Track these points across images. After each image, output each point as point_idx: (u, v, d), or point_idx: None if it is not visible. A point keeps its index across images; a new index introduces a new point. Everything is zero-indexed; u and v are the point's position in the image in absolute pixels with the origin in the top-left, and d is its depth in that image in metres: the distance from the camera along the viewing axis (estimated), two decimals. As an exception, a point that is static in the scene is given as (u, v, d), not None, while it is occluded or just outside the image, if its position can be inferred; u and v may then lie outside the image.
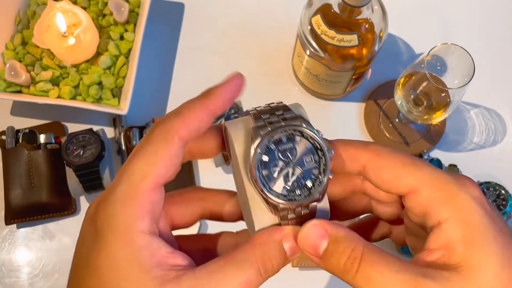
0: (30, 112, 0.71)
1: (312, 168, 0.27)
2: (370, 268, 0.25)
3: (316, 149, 0.27)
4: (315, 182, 0.27)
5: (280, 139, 0.27)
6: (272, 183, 0.27)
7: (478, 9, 0.79)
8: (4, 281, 0.65)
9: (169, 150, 0.26)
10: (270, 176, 0.27)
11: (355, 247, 0.26)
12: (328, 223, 0.27)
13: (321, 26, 0.59)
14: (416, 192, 0.26)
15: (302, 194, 0.27)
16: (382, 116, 0.72)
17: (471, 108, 0.73)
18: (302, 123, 0.27)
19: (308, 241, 0.27)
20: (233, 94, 0.27)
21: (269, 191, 0.26)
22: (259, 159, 0.26)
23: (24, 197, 0.64)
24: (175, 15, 0.77)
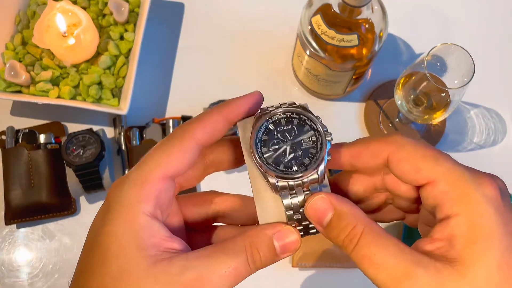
0: (30, 112, 0.71)
1: (309, 148, 0.29)
2: (366, 249, 0.26)
3: (314, 130, 0.29)
4: (312, 159, 0.28)
5: (280, 120, 0.29)
6: (271, 160, 0.28)
7: (478, 9, 0.79)
8: (4, 281, 0.65)
9: (183, 146, 0.28)
10: (269, 153, 0.29)
11: (356, 225, 0.27)
12: (335, 197, 0.28)
13: (321, 26, 0.59)
14: (432, 184, 0.27)
15: (299, 170, 0.28)
16: (382, 116, 0.72)
17: (471, 108, 0.73)
18: (301, 108, 0.29)
19: (314, 212, 0.28)
20: (250, 107, 0.30)
21: (267, 166, 0.28)
22: (259, 137, 0.29)
23: (24, 197, 0.64)
24: (175, 15, 0.77)
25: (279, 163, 0.28)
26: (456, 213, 0.26)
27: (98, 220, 0.28)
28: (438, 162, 0.27)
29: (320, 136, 0.29)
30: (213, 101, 0.68)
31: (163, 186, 0.28)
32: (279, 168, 0.28)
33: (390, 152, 0.28)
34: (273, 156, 0.28)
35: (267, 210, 0.29)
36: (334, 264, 0.64)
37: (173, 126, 0.67)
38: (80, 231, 0.67)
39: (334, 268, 0.64)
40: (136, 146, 0.66)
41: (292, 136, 0.29)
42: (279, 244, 0.28)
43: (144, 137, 0.67)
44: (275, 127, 0.29)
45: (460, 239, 0.25)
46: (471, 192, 0.26)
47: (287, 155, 0.28)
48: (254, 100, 0.30)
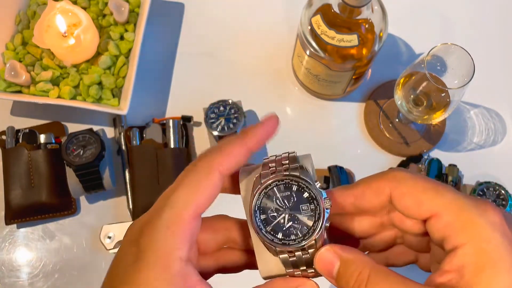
0: (30, 112, 0.71)
1: (307, 216, 0.29)
2: None
3: (312, 199, 0.29)
4: (309, 229, 0.29)
5: (279, 186, 0.29)
6: (269, 227, 0.29)
7: (478, 9, 0.79)
8: (4, 281, 0.65)
9: (211, 181, 0.28)
10: (268, 220, 0.29)
11: (362, 270, 0.27)
12: (340, 247, 0.29)
13: (321, 26, 0.59)
14: (436, 217, 0.27)
15: (297, 239, 0.28)
16: (382, 116, 0.72)
17: (471, 108, 0.73)
18: (301, 173, 0.29)
19: (323, 264, 0.29)
20: (269, 134, 0.30)
21: (264, 234, 0.29)
22: (258, 204, 0.29)
23: (24, 197, 0.64)
24: (175, 15, 0.77)
25: (278, 231, 0.29)
26: (463, 243, 0.26)
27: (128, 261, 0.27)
28: (439, 194, 0.28)
29: (319, 205, 0.29)
30: (213, 101, 0.68)
31: (195, 227, 0.28)
32: (277, 237, 0.29)
33: (392, 188, 0.29)
34: (272, 224, 0.29)
35: (268, 263, 0.30)
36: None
37: (173, 126, 0.67)
38: (80, 231, 0.67)
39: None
40: (136, 146, 0.66)
41: (291, 203, 0.29)
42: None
43: (144, 137, 0.67)
44: (274, 194, 0.29)
45: (469, 268, 0.25)
46: (475, 220, 0.26)
47: (286, 223, 0.29)
48: (272, 127, 0.30)
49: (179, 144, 0.67)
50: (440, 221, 0.27)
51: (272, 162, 0.30)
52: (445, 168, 0.67)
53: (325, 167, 0.68)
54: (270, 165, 0.30)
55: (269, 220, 0.29)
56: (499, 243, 0.26)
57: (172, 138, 0.67)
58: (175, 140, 0.67)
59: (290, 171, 0.29)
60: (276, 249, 0.29)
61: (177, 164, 0.65)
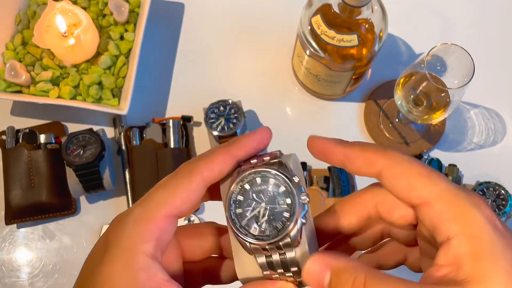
0: (30, 112, 0.71)
1: (283, 211, 0.27)
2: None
3: (288, 193, 0.28)
4: (284, 224, 0.27)
5: (255, 180, 0.28)
6: (244, 222, 0.28)
7: (478, 9, 0.79)
8: (4, 281, 0.65)
9: (189, 185, 0.27)
10: (243, 214, 0.28)
11: (356, 277, 0.25)
12: (328, 255, 0.27)
13: (321, 26, 0.59)
14: (428, 205, 0.27)
15: (271, 235, 0.27)
16: (382, 116, 0.72)
17: (471, 108, 0.73)
18: (279, 167, 0.28)
19: (312, 277, 0.27)
20: (258, 145, 0.29)
21: (238, 228, 0.28)
22: (233, 197, 0.28)
23: (24, 197, 0.64)
24: (175, 15, 0.77)
25: (252, 226, 0.28)
26: (456, 233, 0.25)
27: (95, 256, 0.27)
28: (432, 181, 0.27)
29: (294, 199, 0.27)
30: (213, 101, 0.68)
31: (166, 226, 0.27)
32: (250, 232, 0.27)
33: (385, 165, 0.28)
34: (247, 218, 0.28)
35: (245, 265, 0.29)
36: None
37: (173, 126, 0.67)
38: (80, 231, 0.67)
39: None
40: (136, 146, 0.67)
41: (268, 197, 0.28)
42: None
43: (144, 137, 0.67)
44: (250, 187, 0.28)
45: (466, 259, 0.25)
46: (468, 210, 0.26)
47: (261, 218, 0.28)
48: (261, 138, 0.29)
49: (179, 144, 0.67)
50: (432, 210, 0.26)
51: (253, 158, 0.29)
52: (445, 168, 0.67)
53: (325, 167, 0.68)
54: (251, 161, 0.29)
55: (244, 214, 0.28)
56: (491, 234, 0.25)
57: (172, 138, 0.67)
58: (175, 140, 0.67)
59: (269, 166, 0.28)
60: (250, 246, 0.27)
61: (177, 164, 0.65)
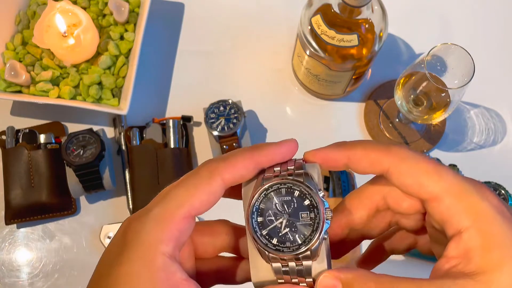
0: (30, 112, 0.71)
1: (306, 224, 0.27)
2: None
3: (312, 207, 0.28)
4: (306, 238, 0.27)
5: (280, 190, 0.28)
6: (265, 231, 0.27)
7: (478, 9, 0.79)
8: (4, 281, 0.65)
9: (210, 187, 0.27)
10: (265, 223, 0.28)
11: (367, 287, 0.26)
12: (337, 269, 0.27)
13: (321, 26, 0.59)
14: (437, 200, 0.27)
15: (291, 247, 0.27)
16: (382, 116, 0.72)
17: (471, 108, 0.73)
18: (305, 180, 0.28)
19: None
20: (283, 156, 0.29)
21: (259, 237, 0.27)
22: (256, 205, 0.28)
23: (24, 197, 0.64)
24: (175, 15, 0.77)
25: (273, 236, 0.27)
26: (467, 226, 0.26)
27: (112, 255, 0.27)
28: (441, 176, 0.27)
29: (319, 214, 0.27)
30: (213, 101, 0.68)
31: (184, 227, 0.27)
32: (271, 242, 0.27)
33: (391, 164, 0.28)
34: (268, 228, 0.28)
35: (260, 270, 0.29)
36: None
37: (173, 126, 0.67)
38: (80, 231, 0.67)
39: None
40: (136, 146, 0.66)
41: (291, 209, 0.28)
42: None
43: (144, 137, 0.67)
44: (274, 197, 0.28)
45: (476, 251, 0.25)
46: (478, 203, 0.26)
47: (282, 229, 0.27)
48: (288, 149, 0.29)
49: (179, 144, 0.67)
50: (442, 204, 0.27)
51: (277, 166, 0.29)
52: (445, 168, 0.67)
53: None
54: (275, 168, 0.29)
55: (265, 223, 0.28)
56: (502, 224, 0.26)
57: (172, 138, 0.67)
58: (175, 140, 0.67)
59: (294, 176, 0.28)
60: (269, 255, 0.27)
61: (177, 164, 0.65)
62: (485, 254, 0.25)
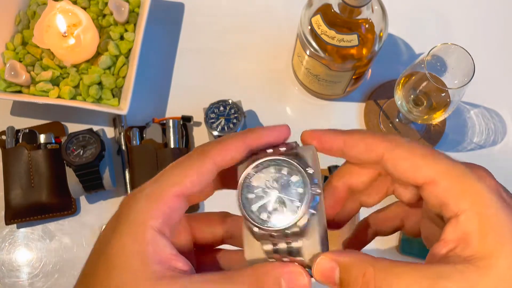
0: (30, 112, 0.71)
1: (294, 200, 0.28)
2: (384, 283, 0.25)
3: (301, 183, 0.28)
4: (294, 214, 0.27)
5: (270, 167, 0.28)
6: (255, 207, 0.28)
7: (478, 9, 0.79)
8: (4, 281, 0.65)
9: (200, 167, 0.28)
10: (254, 200, 0.28)
11: (365, 271, 0.26)
12: (335, 252, 0.27)
13: (321, 26, 0.59)
14: (433, 183, 0.27)
15: (279, 223, 0.27)
16: (382, 116, 0.72)
17: (471, 108, 0.73)
18: (295, 158, 0.28)
19: (323, 275, 0.27)
20: (274, 139, 0.30)
21: (248, 213, 0.28)
22: (246, 182, 0.28)
23: (24, 197, 0.64)
24: (175, 15, 0.77)
25: (262, 212, 0.28)
26: (464, 209, 0.26)
27: (108, 230, 0.28)
28: (436, 160, 0.27)
29: (306, 189, 0.27)
30: (213, 101, 0.68)
31: (175, 205, 0.28)
32: (260, 218, 0.28)
33: (387, 149, 0.28)
34: (257, 204, 0.28)
35: (254, 249, 0.29)
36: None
37: (173, 126, 0.67)
38: (80, 231, 0.67)
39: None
40: (136, 146, 0.67)
41: (280, 185, 0.28)
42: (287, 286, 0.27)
43: (144, 137, 0.67)
44: (264, 174, 0.28)
45: (474, 235, 0.25)
46: (474, 185, 0.26)
47: (272, 205, 0.28)
48: (279, 133, 0.30)
49: (179, 144, 0.67)
50: (438, 187, 0.27)
51: (270, 148, 0.29)
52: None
53: (325, 167, 0.68)
54: (268, 150, 0.29)
55: (255, 200, 0.28)
56: (498, 207, 0.25)
57: (172, 138, 0.67)
58: (175, 140, 0.67)
59: (284, 156, 0.28)
60: (258, 232, 0.28)
61: (177, 164, 0.65)
62: (483, 239, 0.25)
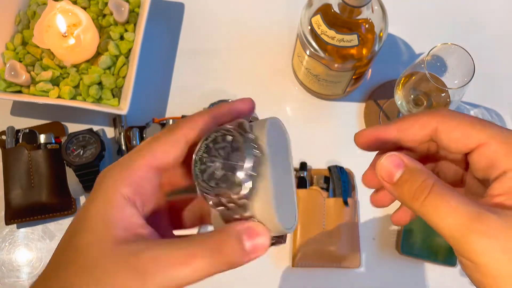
0: (30, 112, 0.71)
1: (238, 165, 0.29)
2: (438, 197, 0.28)
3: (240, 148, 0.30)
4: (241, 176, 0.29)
5: (217, 138, 0.30)
6: (205, 176, 0.30)
7: (478, 9, 0.79)
8: (4, 281, 0.65)
9: (169, 139, 0.30)
10: (205, 170, 0.30)
11: (427, 178, 0.28)
12: (405, 156, 0.30)
13: (321, 26, 0.59)
14: (485, 145, 0.29)
15: (226, 186, 0.29)
16: (382, 116, 0.72)
17: (471, 108, 0.73)
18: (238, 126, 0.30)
19: (385, 168, 0.30)
20: (239, 111, 0.32)
21: (200, 183, 0.30)
22: (198, 155, 0.30)
23: (24, 197, 0.64)
24: (175, 15, 0.77)
25: (211, 179, 0.29)
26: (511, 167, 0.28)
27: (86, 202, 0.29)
28: (485, 127, 0.30)
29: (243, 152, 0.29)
30: (213, 101, 0.68)
31: (145, 174, 0.29)
32: (209, 184, 0.29)
33: (439, 122, 0.31)
34: (206, 173, 0.30)
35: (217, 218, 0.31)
36: (333, 264, 0.64)
37: (173, 126, 0.67)
38: (80, 231, 0.67)
39: (334, 268, 0.64)
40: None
41: (225, 153, 0.30)
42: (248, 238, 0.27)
43: (144, 137, 0.67)
44: (213, 145, 0.30)
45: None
46: None
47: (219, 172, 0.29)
48: (243, 105, 0.32)
49: (179, 144, 0.67)
50: (488, 149, 0.29)
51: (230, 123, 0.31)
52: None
53: (325, 167, 0.68)
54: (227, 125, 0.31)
55: (205, 170, 0.30)
56: None
57: (172, 138, 0.67)
58: (175, 140, 0.67)
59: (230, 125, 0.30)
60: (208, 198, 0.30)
61: (177, 164, 0.65)
62: None
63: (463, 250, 0.26)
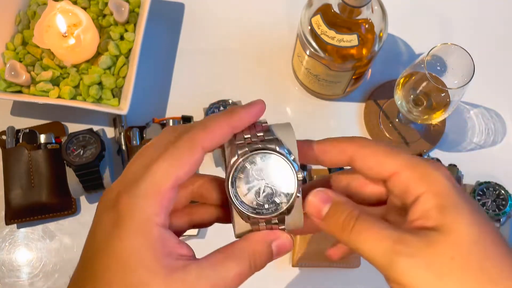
0: (30, 112, 0.71)
1: (281, 187, 0.30)
2: (363, 227, 0.29)
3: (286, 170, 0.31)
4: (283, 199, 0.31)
5: (255, 159, 0.30)
6: (245, 198, 0.30)
7: (478, 9, 0.79)
8: (4, 281, 0.65)
9: (192, 157, 0.29)
10: (244, 190, 0.30)
11: (352, 210, 0.30)
12: (331, 191, 0.32)
13: (321, 26, 0.59)
14: (397, 174, 0.31)
15: (270, 209, 0.30)
16: (382, 116, 0.72)
17: (471, 108, 0.73)
18: (276, 145, 0.31)
19: (313, 205, 0.31)
20: (254, 117, 0.32)
21: (239, 204, 0.30)
22: (235, 175, 0.30)
23: (24, 197, 0.64)
24: (175, 15, 0.77)
25: (252, 200, 0.30)
26: (422, 191, 0.29)
27: (108, 228, 0.29)
28: (397, 155, 0.31)
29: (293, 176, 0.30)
30: (213, 101, 0.68)
31: (172, 196, 0.29)
32: (251, 206, 0.30)
33: (355, 150, 0.32)
34: (247, 194, 0.30)
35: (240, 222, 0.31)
36: (334, 264, 0.64)
37: (173, 126, 0.67)
38: (80, 231, 0.67)
39: (334, 268, 0.65)
40: (136, 146, 0.67)
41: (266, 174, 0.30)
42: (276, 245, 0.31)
43: (144, 137, 0.67)
44: (251, 166, 0.30)
45: (433, 210, 0.28)
46: (431, 172, 0.30)
47: (261, 194, 0.30)
48: (258, 110, 0.32)
49: (179, 144, 0.67)
50: (401, 177, 0.30)
51: (246, 130, 0.31)
52: (445, 168, 0.67)
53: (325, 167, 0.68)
54: (245, 136, 0.31)
55: (244, 190, 0.30)
56: (451, 189, 0.29)
57: (172, 138, 0.67)
58: (175, 140, 0.67)
59: (266, 143, 0.31)
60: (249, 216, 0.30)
61: (177, 164, 0.65)
62: (442, 211, 0.28)
63: (390, 275, 0.28)
